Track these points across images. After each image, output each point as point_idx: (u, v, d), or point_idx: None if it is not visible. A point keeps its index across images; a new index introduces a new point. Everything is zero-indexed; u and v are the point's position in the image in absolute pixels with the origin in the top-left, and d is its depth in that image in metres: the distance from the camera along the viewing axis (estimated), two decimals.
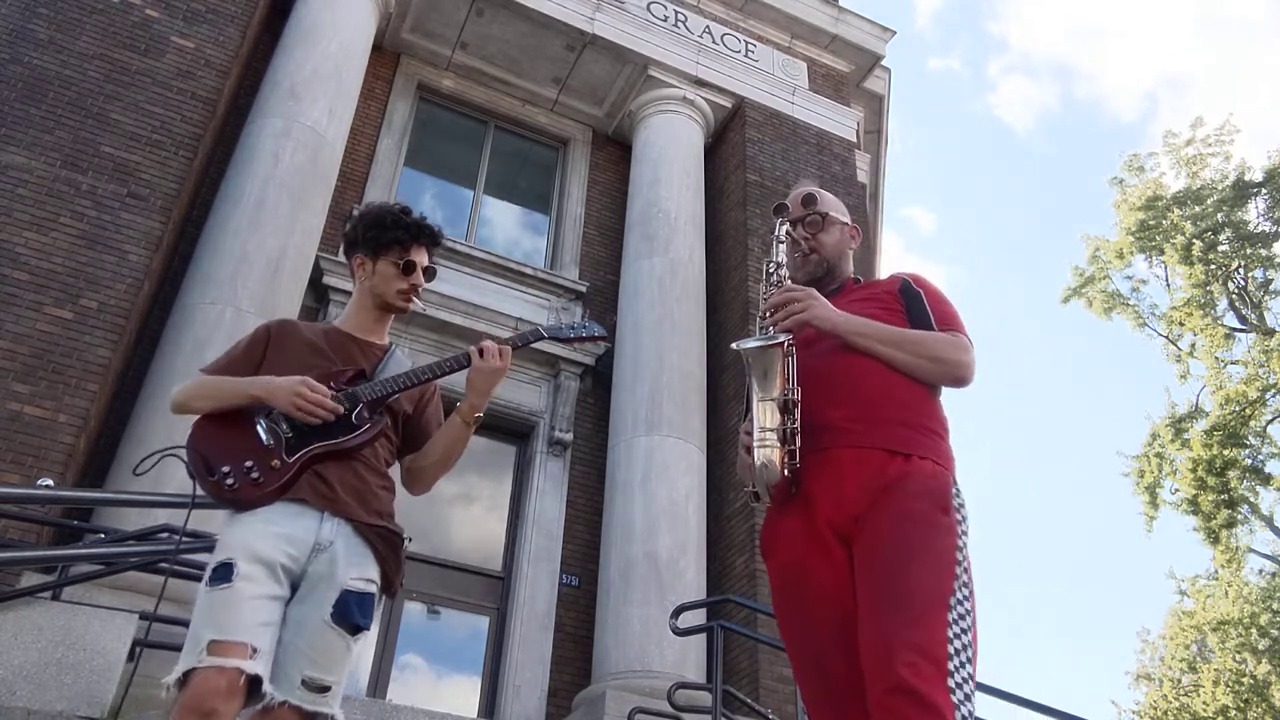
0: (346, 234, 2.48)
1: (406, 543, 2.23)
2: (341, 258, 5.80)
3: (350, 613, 2.04)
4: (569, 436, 8.47)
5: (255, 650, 1.90)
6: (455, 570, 7.94)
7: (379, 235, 2.40)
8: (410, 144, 9.73)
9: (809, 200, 2.32)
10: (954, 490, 1.90)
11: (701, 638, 6.42)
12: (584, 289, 9.39)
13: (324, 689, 2.00)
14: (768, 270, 2.19)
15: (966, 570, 1.81)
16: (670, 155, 9.73)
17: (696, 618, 6.10)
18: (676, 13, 10.54)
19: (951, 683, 1.64)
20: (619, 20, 10.03)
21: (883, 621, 1.70)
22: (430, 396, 2.44)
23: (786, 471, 1.91)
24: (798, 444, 1.91)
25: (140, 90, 7.19)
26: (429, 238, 2.44)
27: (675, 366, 8.27)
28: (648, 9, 10.36)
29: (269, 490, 2.11)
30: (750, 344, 1.96)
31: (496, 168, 10.32)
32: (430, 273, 2.46)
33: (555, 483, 8.31)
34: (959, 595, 1.75)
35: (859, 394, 1.98)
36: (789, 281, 2.18)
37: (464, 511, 8.52)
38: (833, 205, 2.36)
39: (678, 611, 5.35)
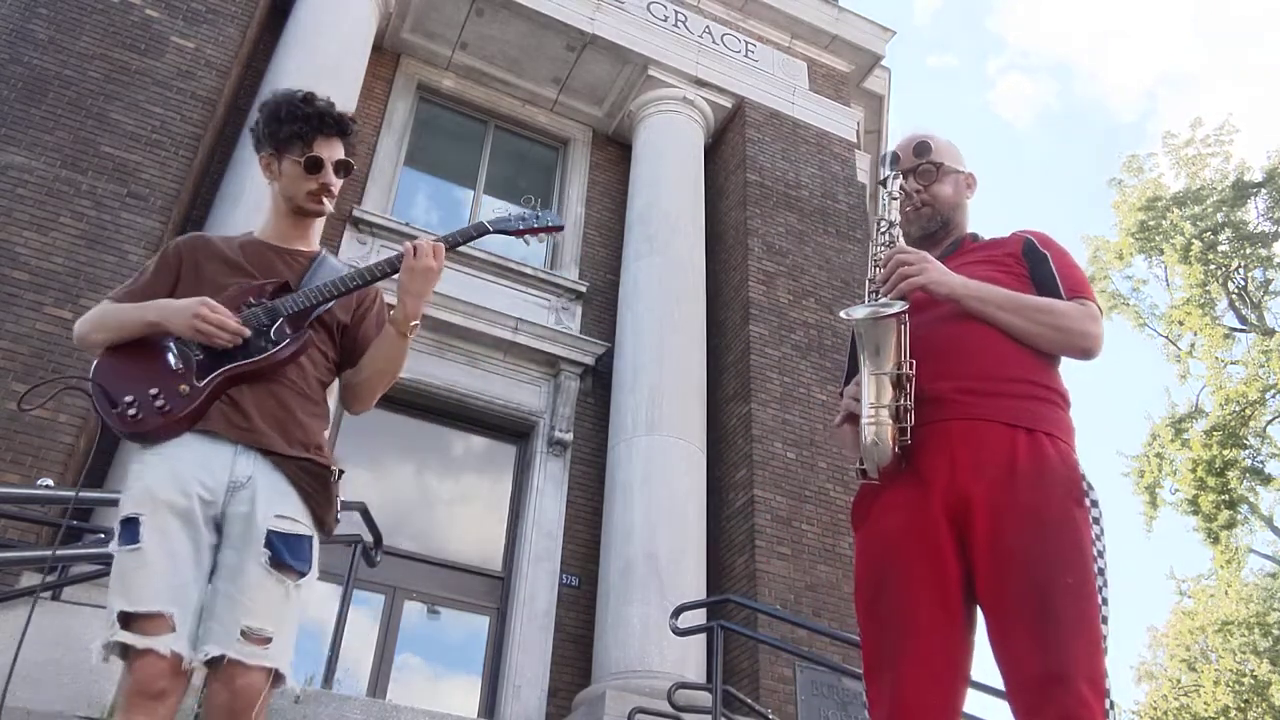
0: (252, 129, 2.21)
1: (336, 477, 2.01)
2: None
3: (279, 554, 1.85)
4: (569, 436, 8.47)
5: (173, 617, 1.76)
6: (455, 570, 7.94)
7: (276, 129, 2.14)
8: (410, 144, 9.73)
9: (922, 149, 2.14)
10: (1083, 474, 1.76)
11: (701, 638, 6.41)
12: (584, 289, 9.39)
13: (267, 640, 1.80)
14: (878, 228, 2.01)
15: (1103, 555, 1.70)
16: (670, 155, 9.72)
17: (696, 618, 6.10)
18: (676, 13, 10.54)
19: (1108, 702, 1.59)
20: (619, 20, 10.03)
21: (1039, 642, 1.61)
22: (370, 304, 2.19)
23: (897, 449, 1.78)
24: (911, 421, 1.78)
25: (140, 90, 7.19)
26: (335, 126, 2.15)
27: (675, 366, 8.27)
28: (648, 9, 10.36)
29: (176, 418, 1.89)
30: (861, 313, 1.79)
31: (496, 168, 10.32)
32: (344, 168, 2.18)
33: (555, 483, 8.31)
34: (1105, 608, 1.66)
35: (973, 364, 1.83)
36: (901, 241, 2.00)
37: (464, 511, 8.52)
38: (948, 154, 2.17)
39: (678, 611, 5.35)
